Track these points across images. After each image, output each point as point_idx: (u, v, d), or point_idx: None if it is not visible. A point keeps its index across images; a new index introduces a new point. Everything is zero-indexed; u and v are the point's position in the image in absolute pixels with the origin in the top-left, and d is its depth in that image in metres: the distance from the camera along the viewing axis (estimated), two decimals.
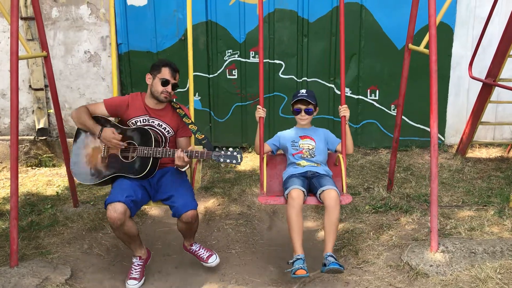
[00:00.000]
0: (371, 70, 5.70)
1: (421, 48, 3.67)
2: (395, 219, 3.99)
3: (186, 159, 3.10)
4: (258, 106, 3.47)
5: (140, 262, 3.30)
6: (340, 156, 3.42)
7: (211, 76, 5.78)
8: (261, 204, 4.26)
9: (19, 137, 5.63)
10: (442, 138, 5.84)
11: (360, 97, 5.79)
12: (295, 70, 5.75)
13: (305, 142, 3.48)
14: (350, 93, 5.78)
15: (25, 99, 5.63)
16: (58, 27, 5.46)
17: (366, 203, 4.30)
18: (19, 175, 5.30)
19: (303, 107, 3.47)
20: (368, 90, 5.77)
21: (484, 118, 5.23)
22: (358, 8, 5.50)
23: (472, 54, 5.19)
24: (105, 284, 3.29)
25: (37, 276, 3.14)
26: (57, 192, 4.76)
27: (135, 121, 3.35)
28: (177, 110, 3.38)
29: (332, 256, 3.00)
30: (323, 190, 3.15)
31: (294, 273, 2.95)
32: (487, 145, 5.81)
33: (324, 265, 2.99)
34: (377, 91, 5.76)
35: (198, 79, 5.77)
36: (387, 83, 5.71)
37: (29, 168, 5.56)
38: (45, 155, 5.61)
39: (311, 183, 3.32)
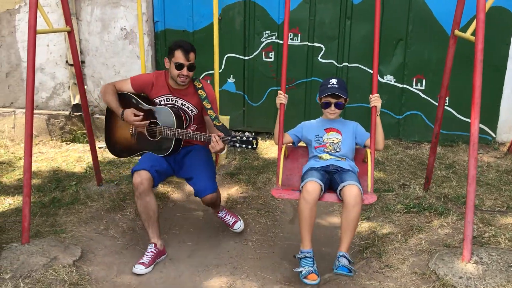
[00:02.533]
0: (418, 58, 5.28)
1: (467, 34, 3.28)
2: (427, 221, 3.67)
3: (222, 145, 3.10)
4: (279, 92, 3.13)
5: (155, 249, 3.25)
6: (369, 151, 3.07)
7: (246, 58, 5.56)
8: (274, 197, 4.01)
9: (55, 112, 5.74)
10: (493, 135, 5.36)
11: (405, 86, 5.39)
12: (335, 55, 5.42)
13: (330, 136, 3.17)
14: (394, 82, 5.40)
15: (62, 74, 5.65)
16: (96, 2, 5.40)
17: (399, 202, 3.98)
18: (52, 149, 5.43)
19: (333, 100, 3.13)
20: (414, 79, 5.36)
21: None
22: None
23: None
24: (114, 269, 3.21)
25: (46, 255, 3.10)
26: (86, 170, 4.75)
27: (159, 100, 3.41)
28: (199, 92, 3.38)
29: (344, 257, 2.81)
30: (344, 186, 2.85)
31: (304, 277, 2.77)
32: None
33: (336, 265, 2.82)
34: (424, 81, 5.34)
35: (233, 61, 5.56)
36: (435, 72, 5.27)
37: (63, 144, 5.60)
38: (79, 131, 5.63)
39: (332, 179, 3.01)
